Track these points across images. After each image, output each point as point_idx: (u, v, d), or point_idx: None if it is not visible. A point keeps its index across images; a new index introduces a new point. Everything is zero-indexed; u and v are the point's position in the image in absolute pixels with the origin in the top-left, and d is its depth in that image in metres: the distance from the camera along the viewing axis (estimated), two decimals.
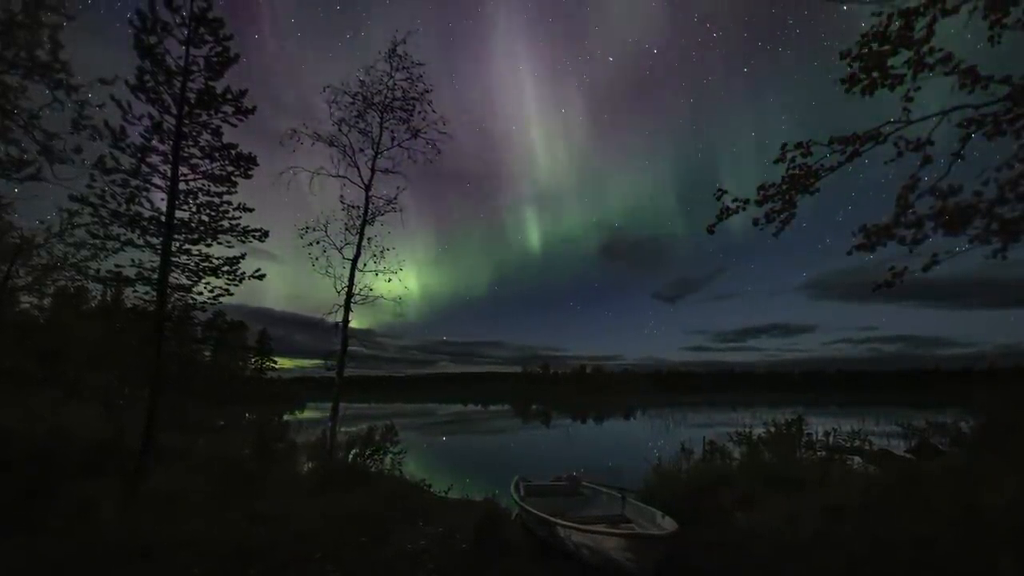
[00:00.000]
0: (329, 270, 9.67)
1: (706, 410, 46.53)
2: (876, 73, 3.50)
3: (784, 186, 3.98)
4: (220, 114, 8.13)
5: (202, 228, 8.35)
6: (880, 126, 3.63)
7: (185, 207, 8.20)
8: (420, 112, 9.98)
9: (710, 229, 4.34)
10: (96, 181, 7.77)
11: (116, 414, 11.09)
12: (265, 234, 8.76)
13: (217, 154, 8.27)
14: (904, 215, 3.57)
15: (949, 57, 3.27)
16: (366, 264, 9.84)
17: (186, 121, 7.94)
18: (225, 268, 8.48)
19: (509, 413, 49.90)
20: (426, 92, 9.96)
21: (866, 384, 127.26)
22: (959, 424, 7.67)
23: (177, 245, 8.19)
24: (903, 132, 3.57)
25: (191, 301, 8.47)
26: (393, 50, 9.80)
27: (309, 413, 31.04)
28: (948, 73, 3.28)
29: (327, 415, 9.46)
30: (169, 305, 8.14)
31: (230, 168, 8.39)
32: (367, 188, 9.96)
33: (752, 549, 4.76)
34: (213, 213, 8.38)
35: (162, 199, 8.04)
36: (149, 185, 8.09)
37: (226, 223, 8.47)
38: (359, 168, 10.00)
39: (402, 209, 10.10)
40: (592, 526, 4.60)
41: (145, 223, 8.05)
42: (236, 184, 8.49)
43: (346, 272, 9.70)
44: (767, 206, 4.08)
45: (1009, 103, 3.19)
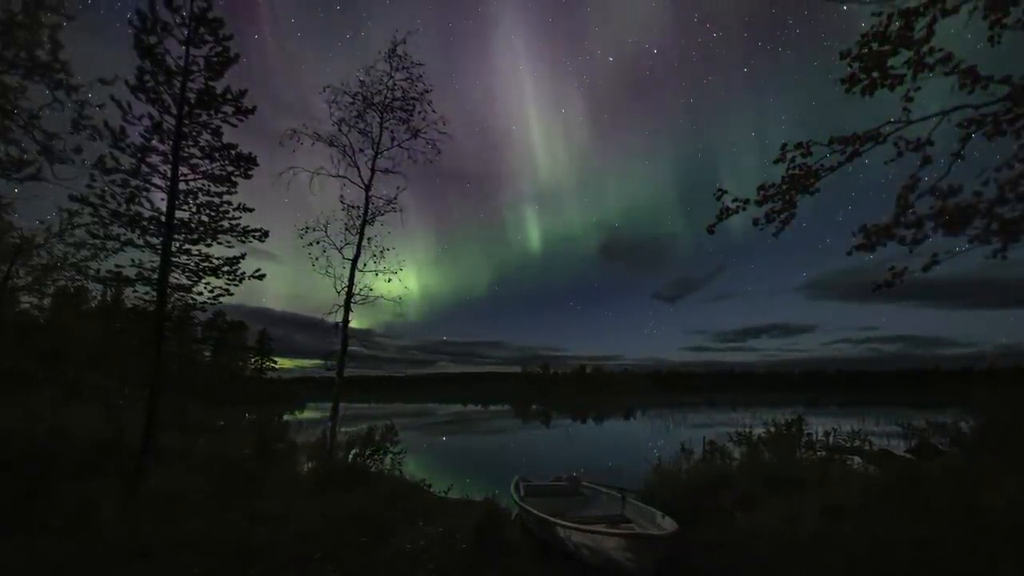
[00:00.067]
0: (329, 270, 9.68)
1: (706, 410, 46.50)
2: (876, 73, 3.50)
3: (784, 186, 3.98)
4: (220, 114, 8.13)
5: (202, 228, 8.35)
6: (880, 126, 3.63)
7: (185, 207, 8.20)
8: (420, 112, 10.00)
9: (710, 229, 4.34)
10: (96, 181, 7.77)
11: (116, 414, 11.09)
12: (265, 234, 8.76)
13: (217, 154, 8.28)
14: (904, 215, 3.57)
15: (949, 57, 3.27)
16: (366, 264, 9.86)
17: (186, 121, 7.94)
18: (225, 268, 8.48)
19: (509, 413, 49.88)
20: (426, 92, 9.97)
21: (866, 384, 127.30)
22: (959, 424, 7.67)
23: (177, 245, 8.19)
24: (903, 132, 3.57)
25: (191, 301, 8.47)
26: (393, 50, 9.81)
27: (309, 413, 31.01)
28: (948, 73, 3.28)
29: (327, 415, 9.47)
30: (169, 305, 8.14)
31: (230, 168, 8.40)
32: (367, 188, 9.97)
33: (752, 549, 4.76)
34: (213, 213, 8.38)
35: (162, 199, 8.06)
36: (149, 185, 8.09)
37: (226, 223, 8.47)
38: (359, 168, 10.02)
39: (402, 209, 10.12)
40: (592, 526, 4.60)
41: (145, 223, 8.05)
42: (236, 184, 8.50)
43: (346, 272, 9.71)
44: (767, 206, 4.08)
45: (1009, 103, 3.19)
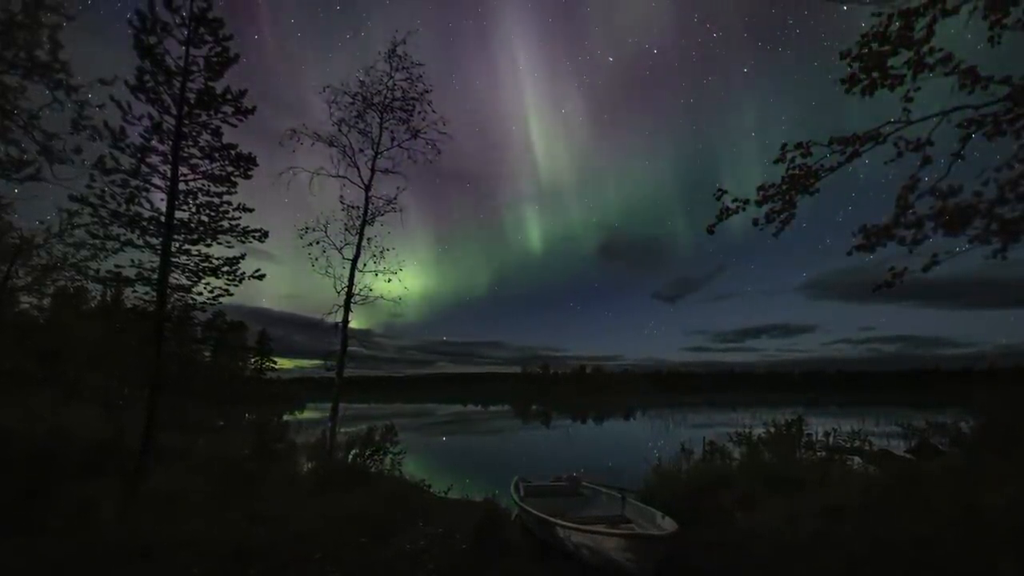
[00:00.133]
0: (329, 270, 9.67)
1: (706, 410, 46.50)
2: (876, 73, 3.50)
3: (784, 186, 3.98)
4: (220, 114, 8.14)
5: (202, 228, 8.35)
6: (880, 126, 3.63)
7: (185, 207, 8.21)
8: (420, 112, 10.00)
9: (710, 229, 4.34)
10: (96, 181, 7.78)
11: (116, 414, 11.10)
12: (265, 234, 8.76)
13: (217, 154, 8.28)
14: (904, 215, 3.57)
15: (949, 57, 3.27)
16: (366, 264, 9.85)
17: (186, 121, 7.94)
18: (225, 268, 8.48)
19: (509, 413, 49.87)
20: (426, 92, 9.97)
21: (866, 384, 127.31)
22: (959, 424, 7.66)
23: (177, 245, 8.20)
24: (903, 132, 3.57)
25: (191, 301, 8.47)
26: (393, 50, 9.81)
27: (309, 413, 31.02)
28: (948, 73, 3.28)
29: (327, 415, 9.46)
30: (169, 305, 8.15)
31: (230, 168, 8.40)
32: (367, 188, 9.97)
33: (752, 549, 4.76)
34: (213, 213, 8.38)
35: (162, 199, 8.06)
36: (149, 185, 8.10)
37: (226, 223, 8.47)
38: (359, 168, 10.01)
39: (402, 209, 10.11)
40: (592, 526, 4.59)
41: (145, 223, 8.05)
42: (236, 184, 8.50)
43: (346, 272, 9.71)
44: (767, 206, 4.08)
45: (1009, 103, 3.19)
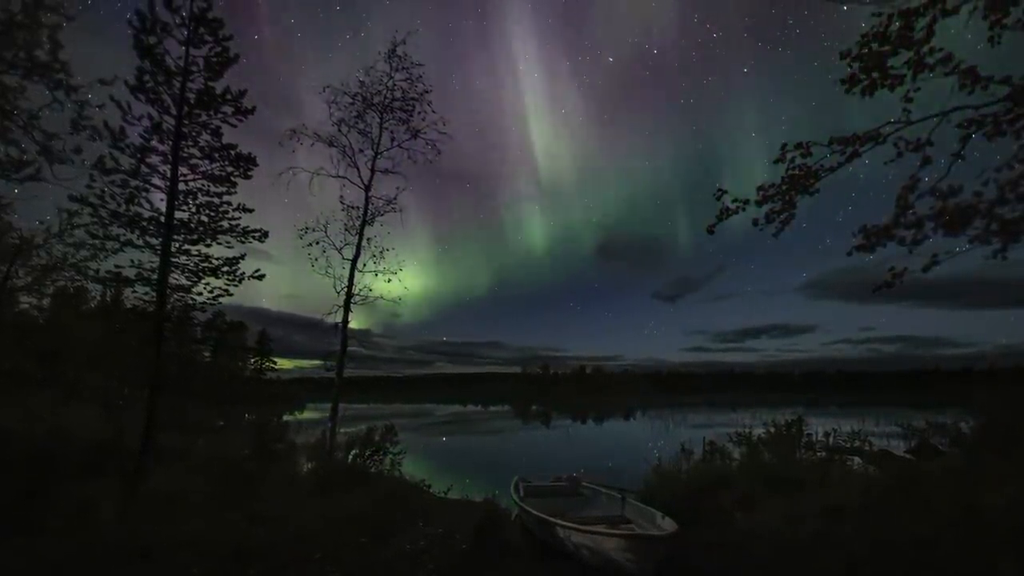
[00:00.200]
0: (329, 271, 9.67)
1: (706, 411, 46.50)
2: (876, 73, 3.50)
3: (784, 187, 3.97)
4: (219, 114, 8.14)
5: (201, 228, 8.35)
6: (880, 126, 3.63)
7: (185, 207, 8.20)
8: (420, 112, 10.00)
9: (710, 229, 4.34)
10: (96, 181, 7.77)
11: (116, 414, 11.09)
12: (265, 234, 8.76)
13: (217, 154, 8.28)
14: (904, 216, 3.57)
15: (949, 57, 3.27)
16: (365, 264, 9.84)
17: (186, 121, 7.94)
18: (225, 268, 8.48)
19: (509, 414, 49.87)
20: (426, 92, 9.97)
21: (866, 384, 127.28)
22: (959, 424, 7.66)
23: (177, 245, 8.19)
24: (903, 132, 3.57)
25: (191, 301, 8.47)
26: (393, 50, 9.80)
27: (309, 414, 31.02)
28: (948, 73, 3.27)
29: (327, 416, 9.46)
30: (169, 305, 8.14)
31: (229, 168, 8.39)
32: (367, 188, 9.96)
33: (752, 549, 4.76)
34: (213, 213, 8.38)
35: (162, 199, 8.06)
36: (149, 185, 8.09)
37: (225, 223, 8.47)
38: (359, 168, 10.01)
39: (402, 209, 10.11)
40: (592, 527, 4.59)
41: (145, 223, 8.05)
42: (236, 184, 8.50)
43: (345, 273, 9.70)
44: (767, 206, 4.08)
45: (1009, 103, 3.19)
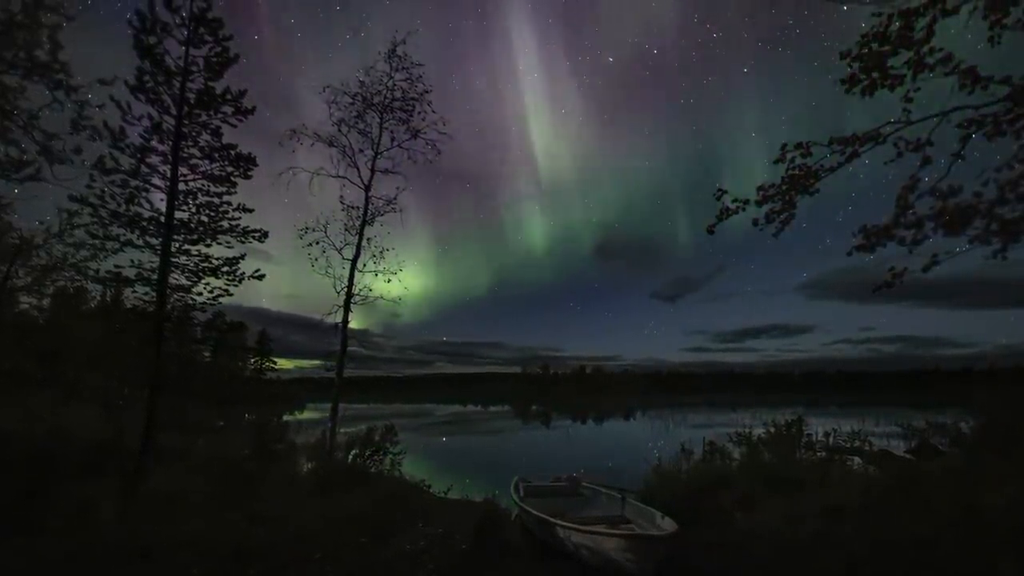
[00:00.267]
0: (329, 271, 9.66)
1: (706, 411, 46.49)
2: (876, 73, 3.50)
3: (784, 187, 3.97)
4: (219, 114, 8.13)
5: (201, 228, 8.35)
6: (880, 126, 3.63)
7: (184, 207, 8.20)
8: (420, 112, 9.99)
9: (710, 229, 4.34)
10: (96, 181, 7.77)
11: (116, 414, 11.08)
12: (265, 235, 8.75)
13: (217, 154, 8.27)
14: (904, 216, 3.57)
15: (949, 57, 3.27)
16: (365, 265, 9.83)
17: (185, 121, 7.94)
18: (225, 269, 8.48)
19: (509, 414, 49.86)
20: (425, 92, 9.96)
21: (866, 384, 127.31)
22: (959, 424, 7.66)
23: (176, 245, 8.19)
24: (903, 132, 3.57)
25: (191, 302, 8.47)
26: (393, 50, 9.80)
27: (308, 414, 31.02)
28: (948, 73, 3.27)
29: (326, 416, 9.45)
30: (169, 305, 8.14)
31: (229, 168, 8.39)
32: (367, 188, 9.96)
33: (752, 549, 4.76)
34: (213, 213, 8.38)
35: (161, 199, 8.06)
36: (149, 185, 8.09)
37: (225, 224, 8.47)
38: (359, 168, 10.00)
39: (402, 209, 10.10)
40: (592, 527, 4.59)
41: (145, 223, 8.05)
42: (236, 184, 8.50)
43: (345, 273, 9.69)
44: (767, 206, 4.08)
45: (1009, 103, 3.19)
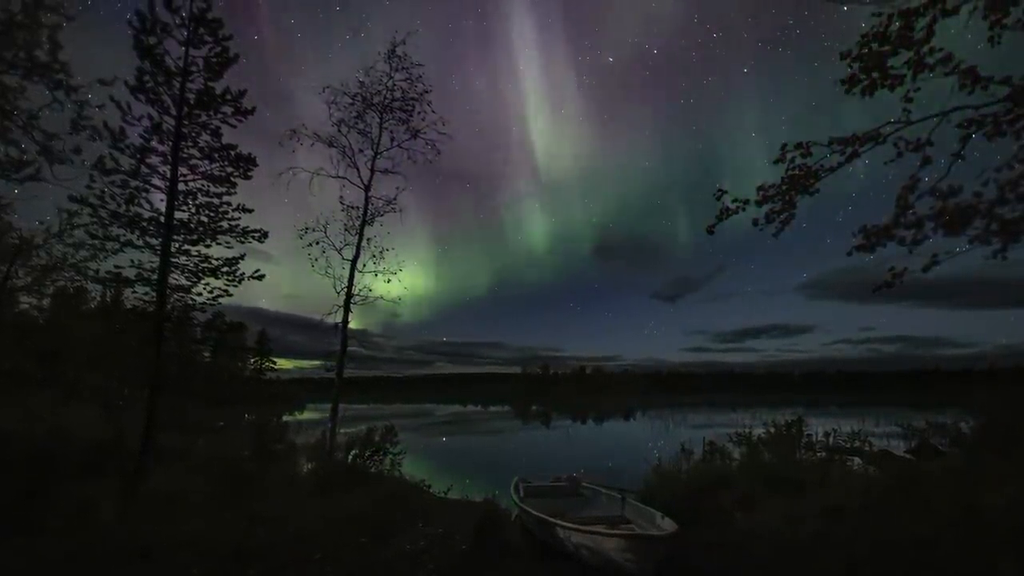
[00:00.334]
0: (328, 271, 9.65)
1: (706, 411, 46.47)
2: (876, 73, 3.50)
3: (784, 187, 3.97)
4: (219, 115, 8.13)
5: (201, 229, 8.35)
6: (880, 126, 3.63)
7: (184, 208, 8.20)
8: (419, 112, 9.98)
9: (710, 229, 4.34)
10: (95, 182, 7.77)
11: (116, 415, 11.08)
12: (264, 235, 8.76)
13: (216, 155, 8.27)
14: (904, 216, 3.57)
15: (949, 57, 3.27)
16: (365, 265, 9.83)
17: (185, 122, 7.94)
18: (224, 269, 8.48)
19: (509, 414, 49.84)
20: (425, 92, 9.95)
21: (866, 385, 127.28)
22: (959, 424, 7.67)
23: (176, 246, 8.19)
24: (903, 132, 3.57)
25: (190, 302, 8.47)
26: (392, 50, 9.79)
27: (308, 414, 31.03)
28: (948, 74, 3.27)
29: (327, 416, 9.45)
30: (169, 306, 8.14)
31: (229, 169, 8.39)
32: (366, 189, 9.95)
33: (752, 549, 4.76)
34: (212, 214, 8.38)
35: (161, 200, 8.06)
36: (148, 186, 8.09)
37: (225, 224, 8.47)
38: (359, 169, 9.99)
39: (401, 209, 10.09)
40: (592, 527, 4.59)
41: (144, 224, 8.05)
42: (235, 185, 8.50)
43: (345, 273, 9.69)
44: (767, 206, 4.08)
45: (1009, 103, 3.19)
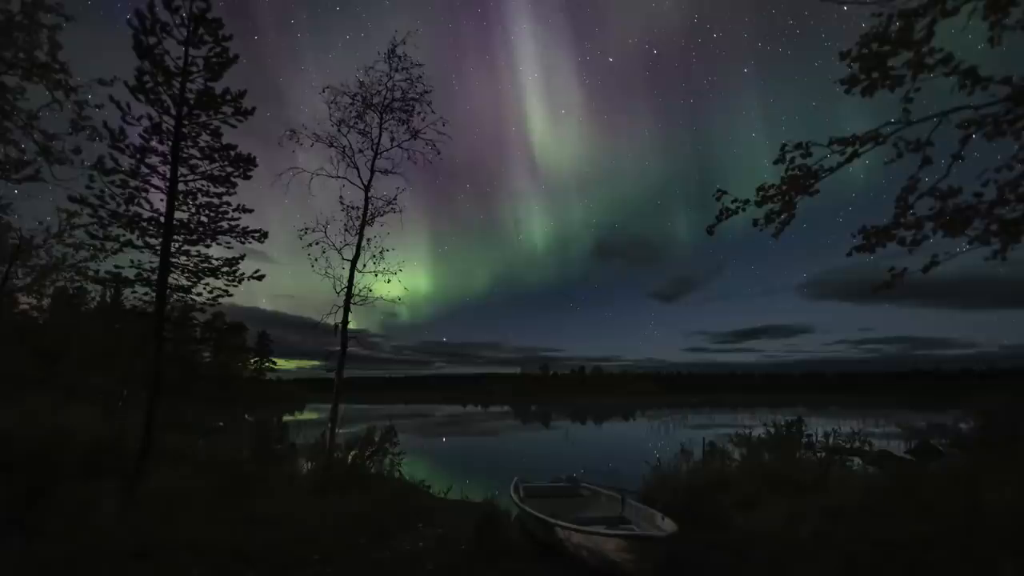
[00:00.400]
0: (328, 271, 9.63)
1: (706, 411, 46.50)
2: (876, 73, 3.50)
3: (784, 187, 3.97)
4: (219, 115, 8.12)
5: (201, 229, 8.34)
6: (880, 127, 3.63)
7: (184, 208, 8.19)
8: (419, 113, 9.96)
9: (709, 230, 4.35)
10: (95, 182, 7.75)
11: (116, 414, 11.07)
12: (264, 235, 8.74)
13: (216, 155, 8.26)
14: (904, 216, 3.57)
15: (949, 58, 3.27)
16: (365, 265, 9.80)
17: (185, 122, 7.93)
18: (224, 269, 8.47)
19: (508, 414, 49.85)
20: (425, 93, 9.92)
21: (866, 385, 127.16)
22: (959, 425, 7.67)
23: (176, 246, 8.18)
24: (903, 133, 3.57)
25: (190, 302, 8.46)
26: (392, 51, 9.77)
27: (308, 414, 31.03)
28: (948, 74, 3.28)
29: (326, 416, 9.44)
30: (168, 306, 8.13)
31: (229, 169, 8.38)
32: (366, 189, 9.93)
33: (752, 550, 4.76)
34: (212, 214, 8.37)
35: (161, 200, 8.03)
36: (148, 186, 8.07)
37: (225, 224, 8.45)
38: (358, 169, 9.98)
39: (401, 210, 10.05)
40: (591, 527, 4.59)
41: (144, 224, 8.04)
42: (235, 185, 8.48)
43: (345, 273, 9.67)
44: (767, 207, 4.08)
45: (1009, 104, 3.19)
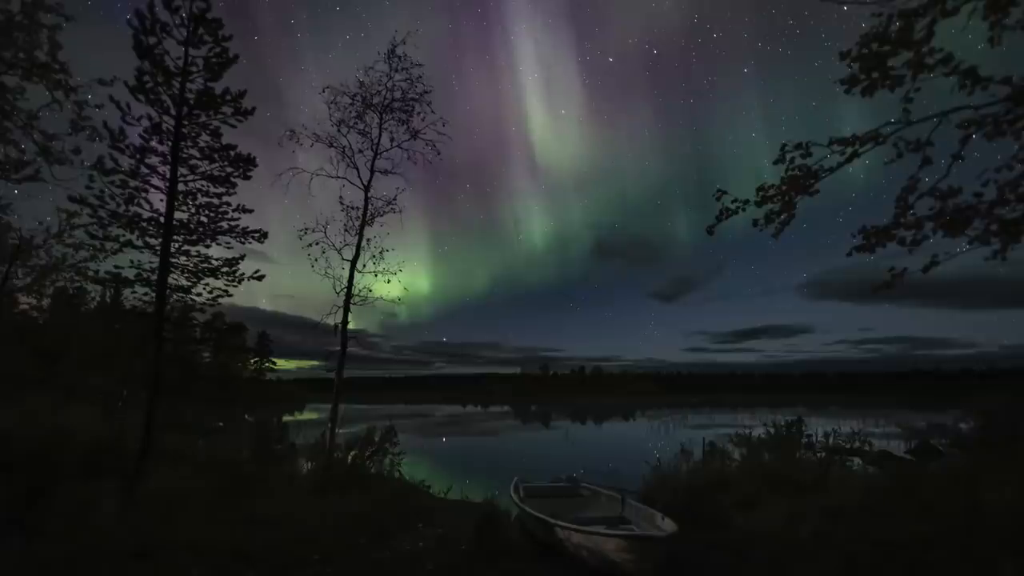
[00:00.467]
0: (328, 271, 9.63)
1: (706, 411, 46.51)
2: (876, 74, 3.50)
3: (784, 187, 3.97)
4: (219, 115, 8.12)
5: (201, 229, 8.34)
6: (880, 127, 3.63)
7: (184, 208, 8.19)
8: (419, 113, 9.95)
9: (709, 230, 4.34)
10: (95, 182, 7.75)
11: (116, 414, 11.07)
12: (264, 235, 8.74)
13: (216, 155, 8.26)
14: (904, 216, 3.57)
15: (949, 58, 3.27)
16: (365, 265, 9.80)
17: (185, 122, 7.92)
18: (224, 269, 8.47)
19: (508, 414, 49.85)
20: (425, 93, 9.91)
21: (866, 385, 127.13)
22: (959, 425, 7.68)
23: (176, 246, 8.17)
24: (903, 133, 3.57)
25: (190, 302, 8.46)
26: (392, 51, 9.76)
27: (308, 414, 31.03)
28: (948, 74, 3.28)
29: (326, 416, 9.43)
30: (168, 306, 8.13)
31: (229, 169, 8.38)
32: (366, 189, 9.93)
33: (752, 549, 4.76)
34: (212, 214, 8.37)
35: (161, 200, 8.03)
36: (148, 186, 8.07)
37: (225, 224, 8.45)
38: (358, 169, 9.97)
39: (401, 210, 10.05)
40: (591, 527, 4.59)
41: (144, 224, 8.04)
42: (235, 185, 8.48)
43: (345, 273, 9.67)
44: (766, 207, 4.08)
45: (1009, 104, 3.19)
